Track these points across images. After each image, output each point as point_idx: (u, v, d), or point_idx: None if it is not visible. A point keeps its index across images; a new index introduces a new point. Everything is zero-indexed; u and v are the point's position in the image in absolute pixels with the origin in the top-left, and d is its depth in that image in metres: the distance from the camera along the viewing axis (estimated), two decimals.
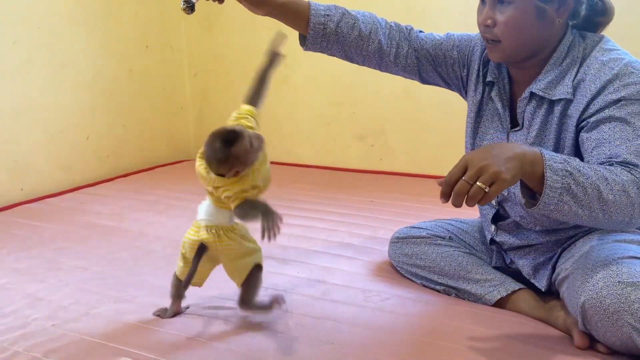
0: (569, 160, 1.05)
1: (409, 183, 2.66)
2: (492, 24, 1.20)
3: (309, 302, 1.41)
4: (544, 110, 1.23)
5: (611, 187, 1.03)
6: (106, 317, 1.35)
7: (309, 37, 1.32)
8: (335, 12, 1.32)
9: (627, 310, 1.04)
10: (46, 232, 1.97)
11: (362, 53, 1.36)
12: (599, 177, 1.03)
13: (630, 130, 1.10)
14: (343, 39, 1.33)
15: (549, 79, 1.22)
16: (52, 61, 2.51)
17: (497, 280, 1.39)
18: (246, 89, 3.33)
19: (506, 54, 1.22)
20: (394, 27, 1.38)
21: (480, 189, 0.98)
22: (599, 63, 1.17)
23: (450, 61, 1.40)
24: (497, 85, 1.32)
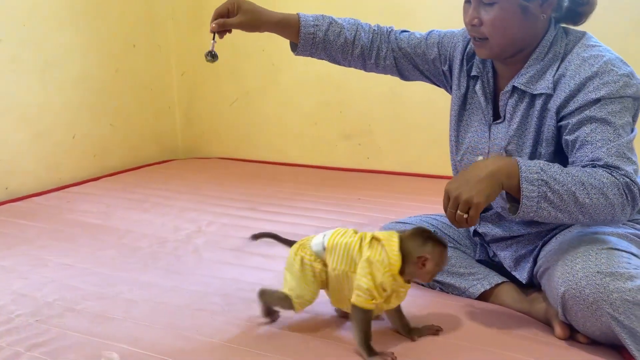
0: (545, 169, 1.10)
1: (395, 181, 2.68)
2: (479, 23, 1.23)
3: None
4: (525, 104, 1.26)
5: (588, 191, 1.09)
6: (90, 313, 1.35)
7: (299, 45, 1.42)
8: (323, 22, 1.42)
9: (606, 300, 1.06)
10: (32, 230, 1.97)
11: (348, 57, 1.46)
12: (575, 183, 1.09)
13: (610, 130, 1.14)
14: (330, 46, 1.43)
15: (531, 73, 1.24)
16: (38, 60, 2.50)
17: (480, 274, 1.41)
18: (232, 88, 3.33)
19: (494, 51, 1.25)
20: (375, 31, 1.46)
21: (460, 216, 1.11)
22: (580, 59, 1.19)
23: (431, 57, 1.44)
24: (480, 79, 1.34)
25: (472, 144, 1.37)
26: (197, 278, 1.55)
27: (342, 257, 1.17)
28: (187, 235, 1.90)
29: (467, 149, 1.38)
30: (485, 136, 1.34)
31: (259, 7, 1.39)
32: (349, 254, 1.16)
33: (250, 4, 1.38)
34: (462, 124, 1.41)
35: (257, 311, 1.32)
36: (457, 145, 1.42)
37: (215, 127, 3.29)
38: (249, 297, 1.41)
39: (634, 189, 1.11)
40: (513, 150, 1.27)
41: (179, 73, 3.27)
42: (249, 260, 1.67)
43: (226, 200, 2.34)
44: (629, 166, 1.12)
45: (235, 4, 1.37)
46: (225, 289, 1.47)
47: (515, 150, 1.27)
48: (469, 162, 1.35)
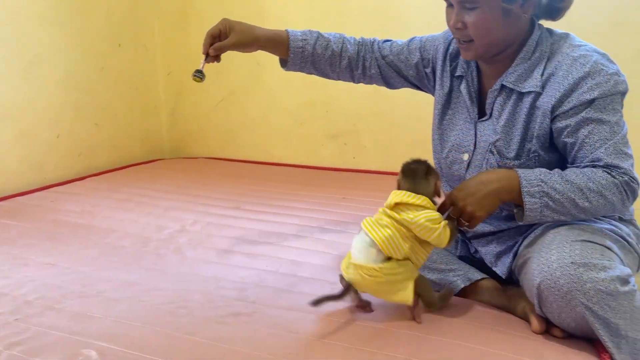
0: (545, 180, 1.18)
1: (381, 180, 2.69)
2: (463, 26, 1.26)
3: (275, 294, 1.42)
4: (512, 102, 1.29)
5: (587, 196, 1.17)
6: (70, 312, 1.34)
7: (289, 60, 1.49)
8: (310, 37, 1.48)
9: (580, 290, 1.08)
10: (14, 230, 1.95)
11: (336, 70, 1.52)
12: (574, 190, 1.17)
13: (607, 129, 1.19)
14: (319, 59, 1.49)
15: (519, 72, 1.28)
16: (22, 58, 2.49)
17: (461, 271, 1.42)
18: (218, 88, 3.32)
19: (479, 52, 1.28)
20: (360, 43, 1.51)
21: (462, 224, 1.23)
22: (570, 59, 1.23)
23: (414, 62, 1.48)
24: (465, 79, 1.38)
25: (457, 142, 1.39)
26: (179, 277, 1.55)
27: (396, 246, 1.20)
28: (170, 235, 1.90)
29: (453, 147, 1.40)
30: (471, 134, 1.36)
31: (249, 25, 1.45)
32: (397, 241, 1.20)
33: (241, 24, 1.43)
34: (445, 122, 1.43)
35: (238, 308, 1.33)
36: (441, 144, 1.44)
37: (201, 127, 3.29)
38: (229, 295, 1.42)
39: (632, 184, 1.19)
40: (501, 146, 1.30)
41: (165, 73, 3.26)
42: (231, 259, 1.67)
43: (211, 199, 2.34)
44: (626, 162, 1.19)
45: (227, 25, 1.42)
46: (206, 287, 1.47)
47: (503, 146, 1.30)
48: (453, 160, 1.40)
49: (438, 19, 2.63)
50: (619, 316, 1.08)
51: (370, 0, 2.71)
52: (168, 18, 3.18)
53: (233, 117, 3.17)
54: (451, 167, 1.41)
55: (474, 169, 1.35)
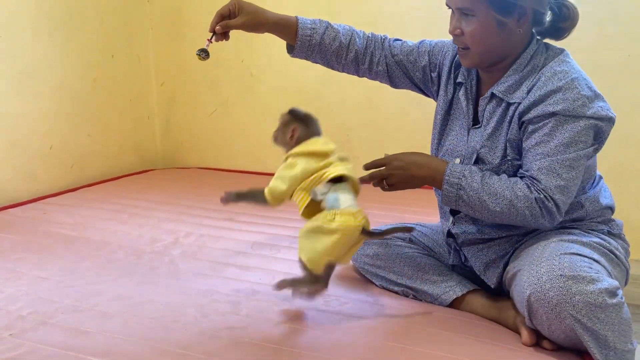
0: (467, 176, 1.27)
1: (373, 190, 2.70)
2: (460, 33, 1.30)
3: (269, 308, 1.43)
4: (500, 111, 1.32)
5: (498, 201, 1.24)
6: (65, 326, 1.34)
7: (296, 47, 1.48)
8: (319, 26, 1.48)
9: (569, 302, 1.10)
10: (6, 242, 1.95)
11: (342, 61, 1.52)
12: (488, 193, 1.25)
13: (552, 145, 1.22)
14: (325, 49, 1.49)
15: (509, 82, 1.31)
16: (15, 69, 2.49)
17: (453, 281, 1.44)
18: (211, 98, 3.32)
19: (474, 60, 1.32)
20: (370, 38, 1.52)
21: (384, 186, 1.36)
22: (552, 72, 1.26)
23: (422, 65, 1.50)
24: (464, 86, 1.41)
25: (451, 147, 1.43)
26: (172, 290, 1.55)
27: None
28: (164, 247, 1.90)
29: (447, 152, 1.43)
30: (464, 140, 1.40)
31: (260, 8, 1.45)
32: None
33: (251, 5, 1.43)
34: (446, 128, 1.47)
35: (232, 322, 1.34)
36: (437, 148, 1.46)
37: (194, 137, 3.30)
38: (223, 308, 1.43)
39: (547, 203, 1.21)
40: (485, 154, 1.33)
41: (158, 83, 3.27)
42: (224, 272, 1.68)
43: (204, 210, 2.35)
44: (552, 181, 1.21)
45: (237, 5, 1.42)
46: (200, 300, 1.47)
47: (487, 153, 1.33)
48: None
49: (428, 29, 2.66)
50: (608, 328, 1.10)
51: (361, 10, 2.73)
52: (161, 29, 3.19)
53: (226, 127, 3.18)
54: None
55: None
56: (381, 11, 2.69)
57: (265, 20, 1.44)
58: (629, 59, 2.26)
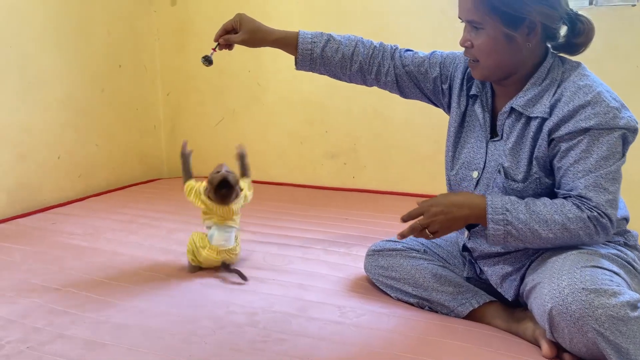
0: (510, 209, 1.25)
1: (381, 200, 2.71)
2: (470, 45, 1.31)
3: (285, 319, 1.42)
4: (521, 125, 1.32)
5: (550, 227, 1.23)
6: (81, 339, 1.34)
7: (298, 61, 1.51)
8: (320, 39, 1.50)
9: (592, 316, 1.10)
10: (16, 253, 1.94)
11: (347, 72, 1.52)
12: (539, 221, 1.23)
13: (592, 161, 1.22)
14: (328, 62, 1.50)
15: (529, 96, 1.31)
16: (24, 80, 2.49)
17: (469, 293, 1.44)
18: (217, 108, 3.34)
19: (484, 73, 1.33)
20: (377, 48, 1.52)
21: (427, 234, 1.32)
22: (575, 87, 1.26)
23: (433, 76, 1.50)
24: (480, 98, 1.41)
25: (467, 160, 1.42)
26: (188, 301, 1.55)
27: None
28: (176, 257, 1.90)
29: (463, 164, 1.43)
30: (482, 152, 1.39)
31: (259, 25, 1.48)
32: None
33: (251, 22, 1.47)
34: (460, 141, 1.46)
35: (251, 334, 1.34)
36: (452, 161, 1.46)
37: (200, 147, 3.29)
38: (239, 320, 1.42)
39: (602, 220, 1.21)
40: (509, 168, 1.32)
41: (165, 93, 3.28)
42: (237, 283, 1.68)
43: None
44: (602, 197, 1.21)
45: (239, 21, 1.46)
46: (215, 312, 1.47)
47: (510, 168, 1.32)
48: (463, 177, 1.42)
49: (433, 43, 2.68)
50: (630, 341, 1.10)
51: (367, 23, 2.75)
52: (168, 39, 3.21)
53: (232, 136, 3.18)
54: (460, 184, 1.43)
55: (482, 187, 1.38)
56: (388, 23, 2.70)
57: (264, 38, 1.48)
58: (638, 70, 2.27)
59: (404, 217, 1.34)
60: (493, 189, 1.35)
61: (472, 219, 1.29)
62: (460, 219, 1.29)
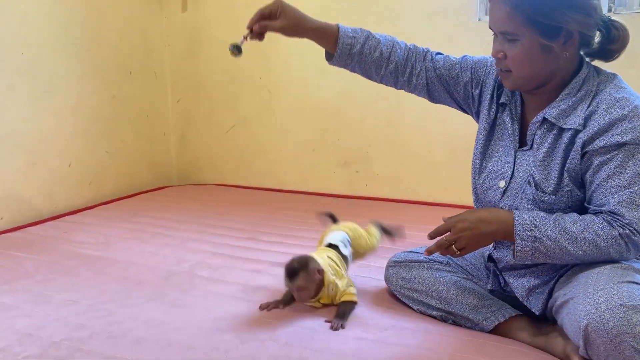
0: (539, 226, 1.22)
1: (394, 208, 2.68)
2: (503, 56, 1.27)
3: (308, 335, 1.39)
4: (553, 136, 1.29)
5: (580, 244, 1.20)
6: (100, 353, 1.31)
7: (336, 55, 1.44)
8: (361, 35, 1.44)
9: (630, 333, 1.06)
10: (30, 263, 1.92)
11: (381, 72, 1.48)
12: (568, 237, 1.20)
13: (627, 177, 1.18)
14: (366, 58, 1.45)
15: (562, 107, 1.27)
16: (35, 88, 2.48)
17: (494, 307, 1.41)
18: (228, 115, 3.28)
19: (517, 83, 1.29)
20: (411, 50, 1.49)
21: (454, 251, 1.29)
22: (612, 99, 1.22)
23: (463, 81, 1.47)
24: (509, 107, 1.38)
25: (495, 168, 1.39)
26: (207, 314, 1.52)
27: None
28: (190, 267, 1.87)
29: (490, 173, 1.40)
30: (509, 162, 1.36)
31: (302, 13, 1.41)
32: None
33: (294, 10, 1.40)
34: (488, 149, 1.43)
35: (273, 350, 1.31)
36: (480, 169, 1.43)
37: (210, 154, 3.28)
38: (260, 335, 1.39)
39: (634, 237, 1.18)
40: (539, 180, 1.29)
41: (175, 100, 3.26)
42: (256, 295, 1.65)
43: (226, 229, 2.32)
44: (635, 214, 1.18)
45: (280, 7, 1.37)
46: (236, 325, 1.44)
47: (541, 179, 1.29)
48: (489, 186, 1.39)
49: (448, 48, 2.65)
50: None
51: (382, 28, 2.72)
52: (178, 45, 3.19)
53: (243, 144, 3.16)
54: (487, 193, 1.40)
55: (510, 197, 1.34)
56: (402, 27, 2.68)
57: (305, 28, 1.40)
58: None
59: (430, 233, 1.32)
60: (522, 200, 1.32)
61: (499, 235, 1.26)
62: (487, 235, 1.27)
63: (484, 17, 2.55)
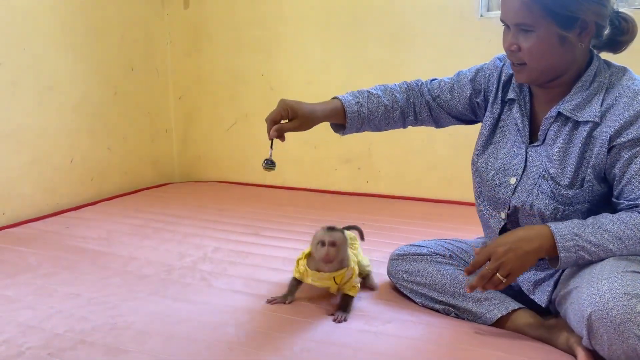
0: (579, 234, 1.19)
1: (396, 205, 2.68)
2: (517, 49, 1.26)
3: (310, 327, 1.39)
4: (567, 129, 1.28)
5: (625, 244, 1.18)
6: (103, 345, 1.31)
7: (348, 125, 1.47)
8: (362, 98, 1.48)
9: (633, 321, 1.06)
10: (33, 258, 1.92)
11: (390, 122, 1.53)
12: (612, 239, 1.19)
13: None
14: (374, 117, 1.49)
15: (577, 101, 1.27)
16: (38, 84, 2.48)
17: (497, 299, 1.41)
18: (230, 112, 3.29)
19: (532, 76, 1.28)
20: (407, 89, 1.53)
21: (499, 280, 1.23)
22: (632, 92, 1.22)
23: (467, 95, 1.49)
24: (517, 102, 1.38)
25: (504, 165, 1.38)
26: (209, 307, 1.52)
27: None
28: (193, 262, 1.87)
29: (499, 170, 1.39)
30: (520, 157, 1.36)
31: (310, 107, 1.42)
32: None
33: (302, 108, 1.40)
34: (491, 146, 1.43)
35: (277, 342, 1.31)
36: (487, 167, 1.42)
37: (212, 151, 3.28)
38: (263, 327, 1.39)
39: None
40: (555, 174, 1.29)
41: (176, 97, 3.26)
42: (258, 289, 1.65)
43: (228, 225, 2.32)
44: None
45: (290, 109, 1.39)
46: (238, 319, 1.44)
47: (556, 174, 1.28)
48: (499, 183, 1.38)
49: (450, 44, 2.65)
50: None
51: (384, 25, 2.73)
52: (180, 42, 3.19)
53: (245, 140, 3.17)
54: (496, 191, 1.40)
55: (523, 193, 1.34)
56: (404, 24, 2.68)
57: (315, 119, 1.42)
58: None
59: (468, 268, 1.28)
60: (538, 195, 1.31)
61: (543, 251, 1.21)
62: (531, 252, 1.21)
63: (485, 13, 2.55)
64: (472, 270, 1.27)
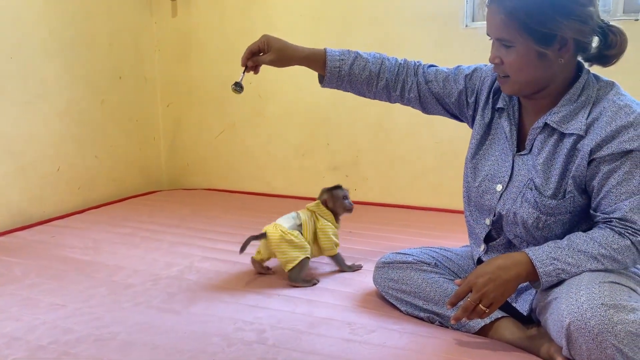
0: (557, 257, 1.23)
1: (383, 212, 2.70)
2: (500, 62, 1.29)
3: (295, 336, 1.40)
4: (553, 141, 1.30)
5: (601, 262, 1.21)
6: (87, 357, 1.31)
7: (326, 78, 1.51)
8: (348, 56, 1.50)
9: (611, 332, 1.08)
10: (18, 268, 1.91)
11: (372, 90, 1.53)
12: (588, 259, 1.22)
13: (636, 183, 1.21)
14: (355, 79, 1.51)
15: (563, 113, 1.29)
16: (24, 92, 2.47)
17: None
18: (217, 120, 3.29)
19: (515, 88, 1.31)
20: (402, 65, 1.53)
21: (482, 310, 1.25)
22: (616, 106, 1.24)
23: (458, 90, 1.49)
24: (506, 112, 1.40)
25: (491, 172, 1.41)
26: (194, 317, 1.52)
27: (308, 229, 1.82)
28: (179, 272, 1.88)
29: (486, 177, 1.41)
30: (507, 166, 1.38)
31: (288, 44, 1.48)
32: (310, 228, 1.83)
33: (279, 42, 1.46)
34: (481, 152, 1.45)
35: (260, 352, 1.32)
36: (474, 173, 1.44)
37: (200, 158, 3.28)
38: (248, 337, 1.40)
39: None
40: (539, 184, 1.31)
41: (165, 105, 3.26)
42: (244, 298, 1.65)
43: (215, 233, 2.32)
44: None
45: (266, 42, 1.45)
46: (223, 329, 1.45)
47: (541, 184, 1.30)
48: (486, 190, 1.40)
49: (436, 53, 2.67)
50: None
51: (372, 34, 2.75)
52: (168, 50, 3.20)
53: (233, 148, 3.17)
54: (482, 197, 1.42)
55: (508, 201, 1.36)
56: (391, 33, 2.71)
57: (293, 56, 1.47)
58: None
59: (450, 300, 1.30)
60: (522, 204, 1.33)
61: (522, 278, 1.24)
62: (511, 280, 1.24)
63: (471, 23, 2.58)
64: (455, 302, 1.29)
